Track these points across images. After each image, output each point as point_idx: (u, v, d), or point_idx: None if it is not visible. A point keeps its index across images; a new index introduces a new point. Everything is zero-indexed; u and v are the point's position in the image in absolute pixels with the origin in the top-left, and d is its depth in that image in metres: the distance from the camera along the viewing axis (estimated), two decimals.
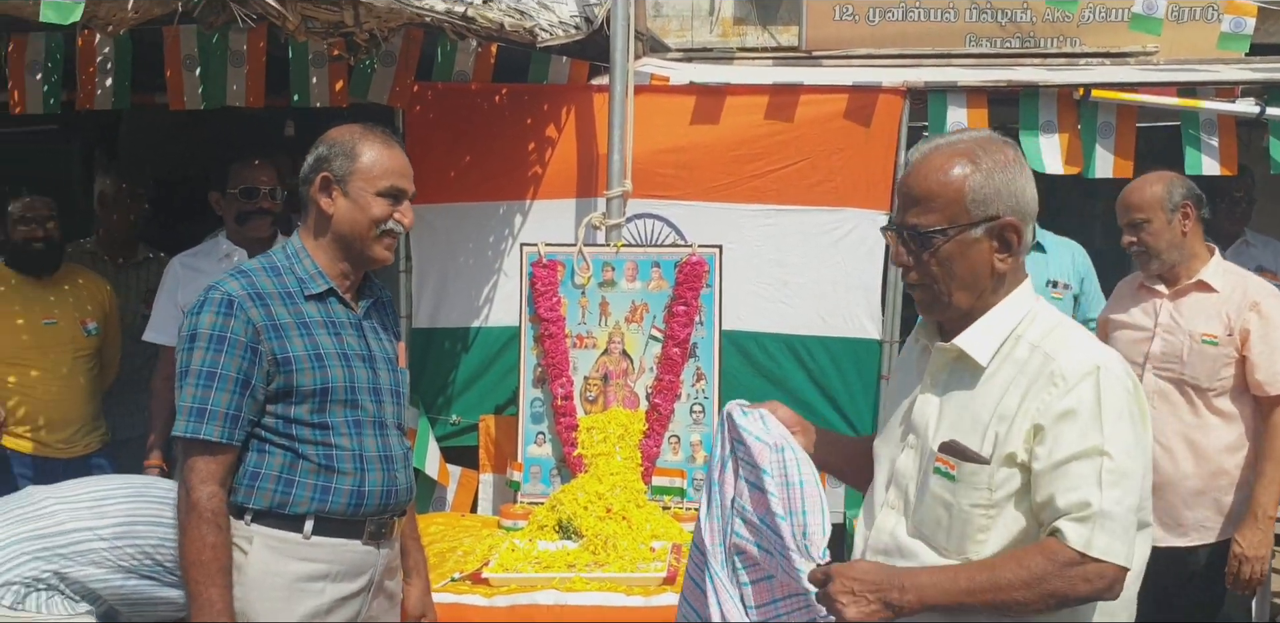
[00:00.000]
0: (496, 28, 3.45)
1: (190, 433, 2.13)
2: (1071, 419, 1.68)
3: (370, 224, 2.26)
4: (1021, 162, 1.80)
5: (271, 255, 2.31)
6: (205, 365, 2.13)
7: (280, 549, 2.18)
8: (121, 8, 3.11)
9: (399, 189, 2.27)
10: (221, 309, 2.16)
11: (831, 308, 3.82)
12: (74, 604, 2.59)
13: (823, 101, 3.90)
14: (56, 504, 2.64)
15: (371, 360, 2.27)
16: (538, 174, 3.99)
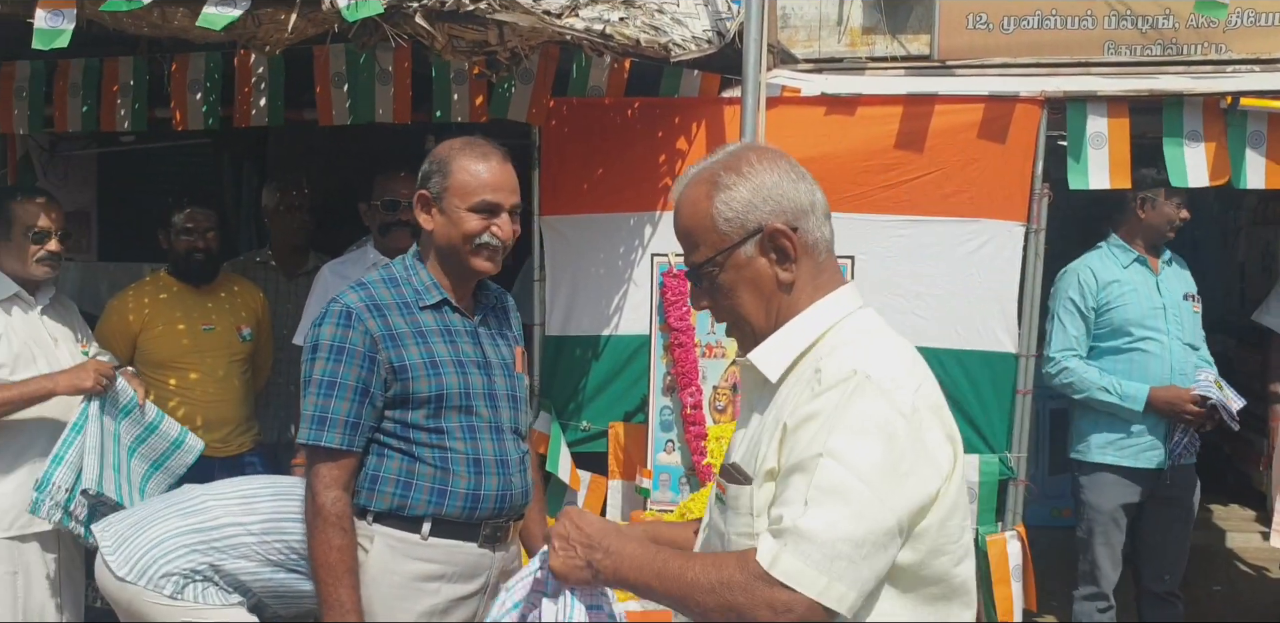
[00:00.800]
0: (633, 44, 3.51)
1: (312, 440, 2.22)
2: (808, 424, 1.50)
3: (463, 239, 2.32)
4: (775, 163, 1.68)
5: (391, 267, 2.41)
6: (326, 375, 2.23)
7: (399, 549, 2.26)
8: (280, 29, 3.27)
9: (491, 203, 2.30)
10: (341, 321, 2.25)
11: (966, 321, 3.76)
12: (227, 595, 2.73)
13: (957, 111, 3.86)
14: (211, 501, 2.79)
15: (487, 367, 2.33)
16: (668, 186, 4.03)
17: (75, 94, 4.49)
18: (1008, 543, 3.58)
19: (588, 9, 3.46)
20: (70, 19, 3.03)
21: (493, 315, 2.43)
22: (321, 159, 5.89)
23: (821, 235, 1.68)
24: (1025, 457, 3.71)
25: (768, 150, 1.72)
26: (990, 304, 3.75)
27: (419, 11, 3.13)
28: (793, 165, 1.71)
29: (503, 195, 2.32)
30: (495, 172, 2.33)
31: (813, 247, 1.66)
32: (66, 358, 3.29)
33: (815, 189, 1.71)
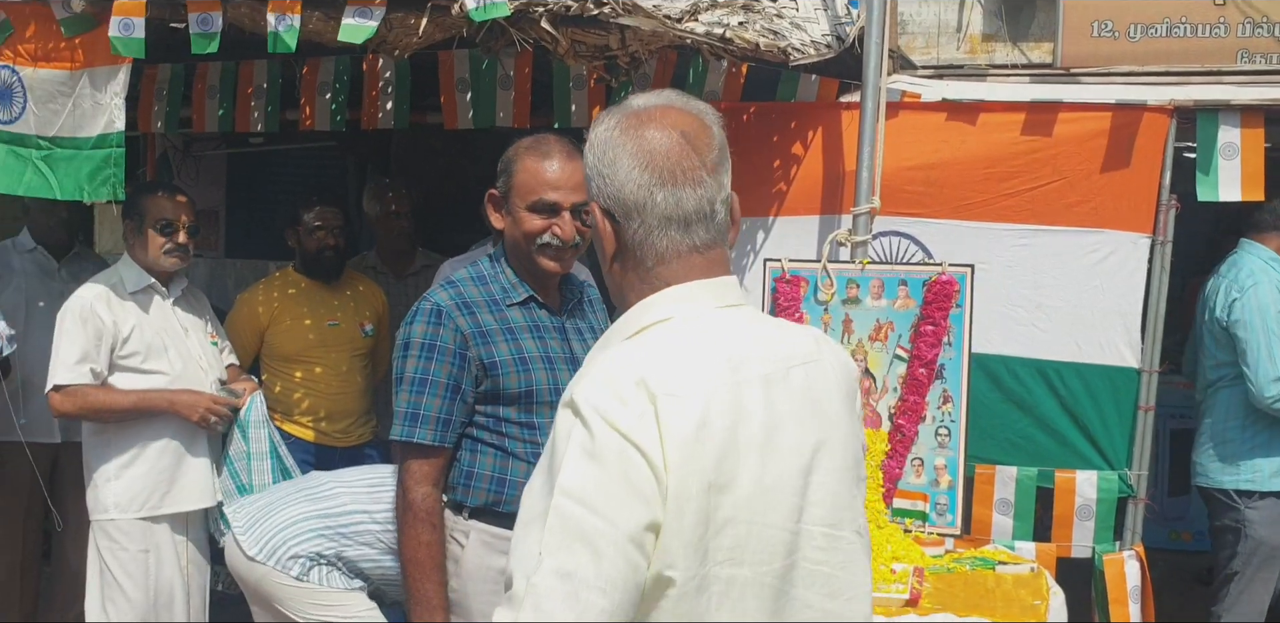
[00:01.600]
0: (752, 48, 3.52)
1: (405, 437, 2.25)
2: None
3: (525, 239, 2.32)
4: (629, 142, 1.42)
5: (479, 265, 2.43)
6: (418, 372, 2.25)
7: (493, 545, 2.28)
8: (410, 33, 3.37)
9: (550, 203, 2.27)
10: (431, 319, 2.27)
11: (1087, 334, 3.67)
12: (349, 580, 2.81)
13: (1083, 120, 3.77)
14: (338, 488, 2.88)
15: (575, 363, 2.33)
16: (782, 191, 4.03)
17: (212, 96, 4.69)
18: (1125, 563, 3.48)
19: (707, 13, 3.48)
20: (216, 24, 3.17)
21: (579, 310, 2.44)
22: (442, 161, 6.03)
23: (650, 242, 1.42)
24: (1146, 475, 3.60)
25: (648, 121, 1.44)
26: (1113, 317, 3.65)
27: (544, 16, 3.19)
28: (652, 152, 1.41)
29: (561, 194, 2.28)
30: (556, 169, 2.28)
31: (635, 248, 1.44)
32: (196, 348, 3.43)
33: (665, 190, 1.41)
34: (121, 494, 3.21)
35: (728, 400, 1.34)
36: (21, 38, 3.34)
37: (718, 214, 1.45)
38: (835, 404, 1.46)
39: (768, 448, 1.35)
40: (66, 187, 3.35)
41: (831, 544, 1.40)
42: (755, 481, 1.33)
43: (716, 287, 1.45)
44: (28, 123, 3.39)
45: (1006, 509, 3.60)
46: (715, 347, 1.38)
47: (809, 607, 1.38)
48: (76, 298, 3.27)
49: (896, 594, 2.75)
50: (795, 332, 1.52)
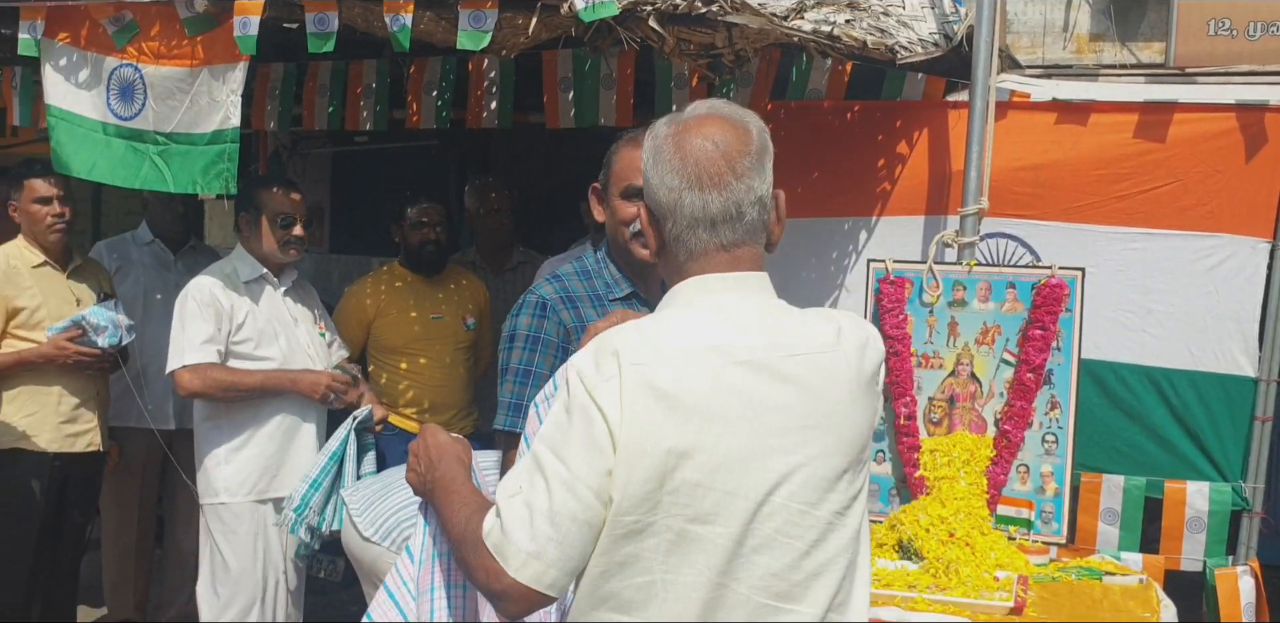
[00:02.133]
0: (859, 46, 3.48)
1: (508, 426, 2.28)
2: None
3: (617, 227, 2.33)
4: (666, 150, 1.59)
5: (584, 260, 2.44)
6: (522, 364, 2.28)
7: None
8: (518, 33, 3.41)
9: (638, 188, 2.16)
10: (536, 312, 2.30)
11: (1201, 340, 3.56)
12: None
13: (1199, 120, 3.66)
14: None
15: None
16: (886, 191, 3.98)
17: (323, 95, 4.80)
18: (1239, 578, 3.36)
19: (814, 11, 3.46)
20: (332, 24, 3.24)
21: None
22: (540, 160, 6.09)
23: (682, 240, 1.59)
24: (1261, 488, 3.48)
25: (687, 130, 1.60)
26: (1228, 324, 3.54)
27: (652, 14, 3.19)
28: (684, 159, 1.58)
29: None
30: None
31: (670, 244, 1.61)
32: (304, 337, 3.52)
33: (694, 194, 1.57)
34: (231, 478, 3.31)
35: (701, 377, 1.49)
36: (146, 36, 3.46)
37: (745, 215, 1.58)
38: (839, 393, 1.55)
39: (741, 425, 1.49)
40: (181, 180, 3.45)
41: (803, 520, 1.51)
42: (723, 451, 1.47)
43: (736, 280, 1.59)
44: (146, 119, 3.50)
45: (1113, 519, 3.50)
46: (707, 330, 1.54)
47: (769, 573, 1.49)
48: (196, 284, 3.38)
49: (1000, 602, 2.70)
50: (816, 324, 1.62)
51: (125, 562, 4.18)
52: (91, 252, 4.34)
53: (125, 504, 4.16)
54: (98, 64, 3.55)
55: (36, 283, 3.66)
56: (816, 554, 1.51)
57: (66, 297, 3.70)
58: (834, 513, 1.53)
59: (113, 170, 3.52)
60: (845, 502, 1.55)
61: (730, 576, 1.48)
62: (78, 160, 3.54)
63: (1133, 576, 3.03)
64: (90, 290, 3.77)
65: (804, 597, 1.50)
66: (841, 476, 1.54)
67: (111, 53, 3.52)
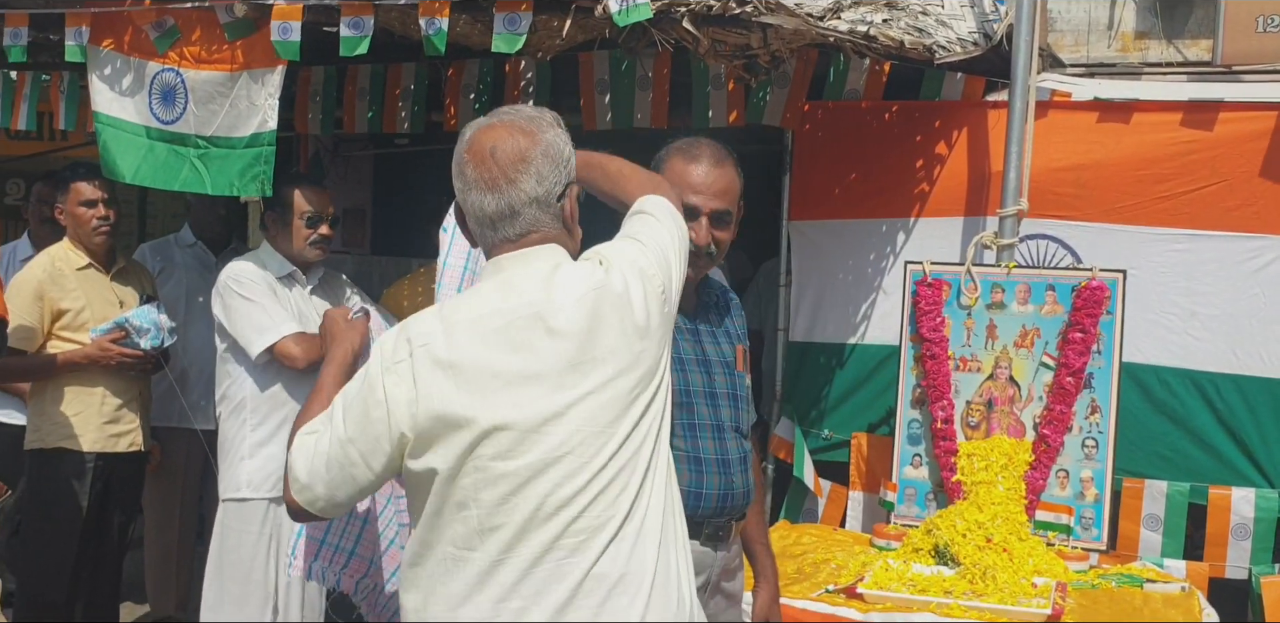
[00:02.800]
0: (896, 46, 3.45)
1: None
2: None
3: None
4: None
5: None
6: None
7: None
8: (553, 35, 3.41)
9: (687, 206, 2.18)
10: None
11: (1246, 343, 3.49)
12: None
13: (1245, 119, 3.59)
14: None
15: (707, 365, 2.29)
16: (924, 192, 3.94)
17: (363, 98, 4.83)
18: None
19: (850, 11, 3.43)
20: (368, 27, 3.26)
21: (714, 313, 2.38)
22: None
23: (478, 236, 1.80)
24: None
25: (478, 138, 1.78)
26: (1275, 327, 3.47)
27: (686, 16, 3.18)
28: (470, 165, 1.76)
29: (702, 199, 2.22)
30: (701, 174, 2.24)
31: (477, 239, 1.83)
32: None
33: (475, 195, 1.74)
34: (255, 473, 3.26)
35: (474, 343, 1.67)
36: (188, 41, 3.50)
37: (521, 215, 1.74)
38: (610, 329, 1.71)
39: (517, 374, 1.67)
40: (219, 182, 3.48)
41: (596, 441, 1.68)
42: (509, 400, 1.65)
43: (522, 255, 1.75)
44: (188, 122, 3.55)
45: (1155, 525, 3.45)
46: (487, 300, 1.72)
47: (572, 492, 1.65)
48: (244, 270, 3.33)
49: (1038, 609, 2.66)
50: (586, 271, 1.75)
51: (167, 560, 4.22)
52: (135, 254, 4.40)
53: (167, 504, 4.19)
54: (140, 69, 3.60)
55: (80, 285, 3.71)
56: (610, 468, 1.68)
57: (110, 299, 3.74)
58: (627, 432, 1.70)
59: (155, 174, 3.57)
60: (635, 420, 1.72)
61: (541, 504, 1.65)
62: (124, 165, 3.59)
63: (1175, 583, 2.98)
64: (133, 293, 3.82)
65: (609, 508, 1.67)
66: (633, 399, 1.72)
67: (153, 58, 3.56)
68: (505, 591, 1.63)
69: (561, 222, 1.78)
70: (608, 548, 1.65)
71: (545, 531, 1.64)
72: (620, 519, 1.67)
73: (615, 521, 1.67)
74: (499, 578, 1.64)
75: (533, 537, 1.64)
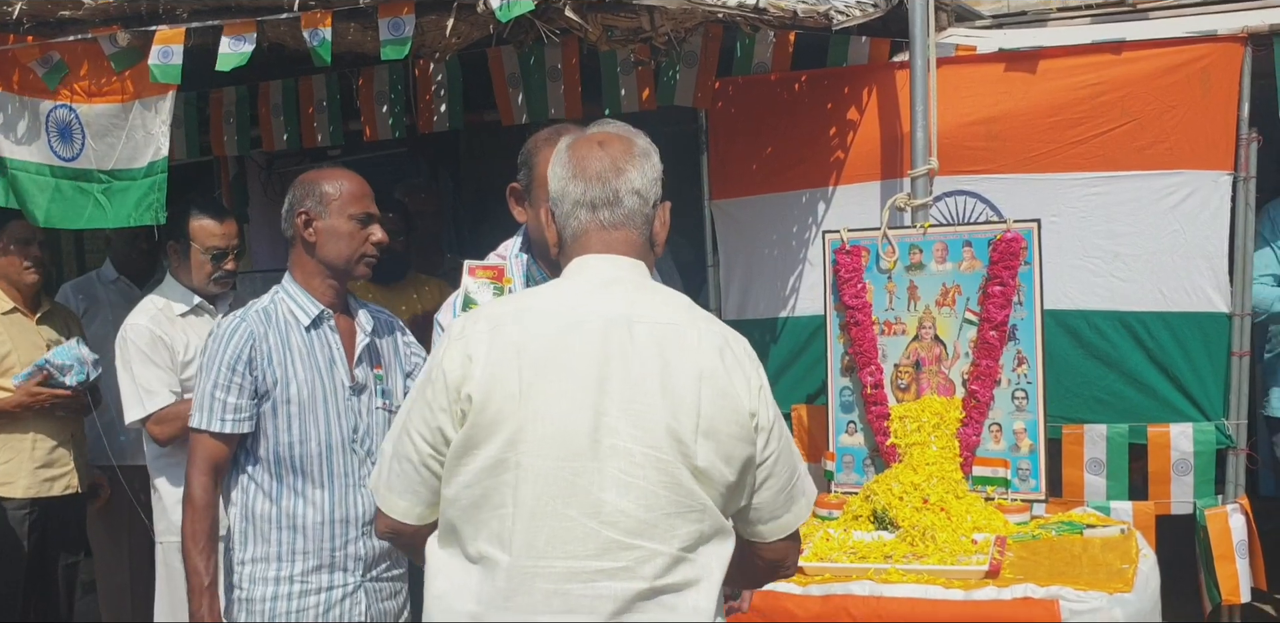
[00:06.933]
0: (790, 16, 3.43)
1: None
2: None
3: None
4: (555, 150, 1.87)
5: (509, 262, 2.45)
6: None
7: None
8: (442, 36, 3.39)
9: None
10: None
11: (1172, 280, 3.50)
12: None
13: (1149, 57, 3.59)
14: None
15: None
16: (840, 159, 3.93)
17: (277, 114, 4.80)
18: (1229, 517, 3.31)
19: None
20: (251, 42, 3.23)
21: None
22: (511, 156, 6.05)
23: (566, 222, 1.81)
24: (1245, 424, 3.42)
25: (583, 140, 1.85)
26: (1197, 261, 3.48)
27: (569, 5, 3.16)
28: (574, 159, 1.81)
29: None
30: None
31: (560, 229, 1.83)
32: None
33: (577, 183, 1.79)
34: None
35: (547, 332, 1.67)
36: (76, 76, 3.47)
37: (624, 202, 1.78)
38: (670, 362, 1.66)
39: (574, 372, 1.65)
40: (119, 214, 3.44)
41: (651, 464, 1.62)
42: (555, 394, 1.64)
43: (611, 259, 1.77)
44: (88, 158, 3.51)
45: (1099, 469, 3.46)
46: (564, 295, 1.74)
47: (619, 511, 1.60)
48: (132, 326, 3.30)
49: (975, 566, 2.67)
50: (671, 303, 1.75)
51: (122, 597, 4.17)
52: (58, 294, 4.35)
53: (115, 542, 4.14)
54: (34, 108, 3.56)
55: (6, 329, 3.68)
56: (663, 498, 1.62)
57: (37, 342, 3.71)
58: (672, 463, 1.62)
59: (64, 214, 3.53)
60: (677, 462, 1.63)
61: (570, 499, 1.61)
62: (34, 208, 3.55)
63: (1114, 527, 3.00)
64: (60, 335, 3.78)
65: (653, 533, 1.61)
66: (673, 434, 1.63)
67: (45, 95, 3.53)
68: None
69: (650, 232, 1.81)
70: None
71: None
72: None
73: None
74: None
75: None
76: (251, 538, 2.56)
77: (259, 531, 2.56)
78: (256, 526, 2.56)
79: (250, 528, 2.57)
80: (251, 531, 2.56)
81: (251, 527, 2.57)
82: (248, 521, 2.56)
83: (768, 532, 1.75)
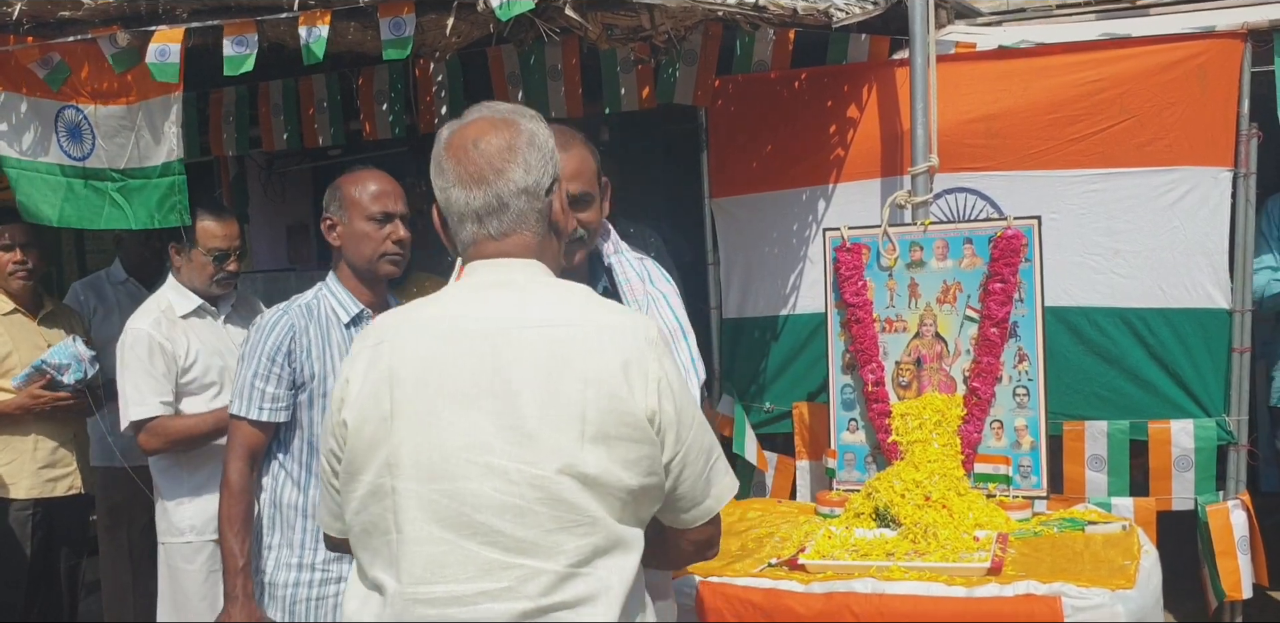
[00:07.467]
0: (790, 13, 3.44)
1: None
2: None
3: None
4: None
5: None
6: None
7: None
8: (443, 35, 3.39)
9: (573, 195, 2.16)
10: None
11: (1171, 277, 3.50)
12: None
13: (1148, 53, 3.59)
14: None
15: None
16: (840, 157, 3.94)
17: (277, 114, 4.81)
18: (1231, 513, 3.32)
19: None
20: (252, 44, 3.23)
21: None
22: None
23: (457, 234, 1.71)
24: (1245, 420, 3.43)
25: (458, 135, 1.71)
26: (1197, 257, 3.48)
27: (569, 3, 3.17)
28: (451, 161, 1.67)
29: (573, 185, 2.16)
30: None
31: (453, 239, 1.73)
32: None
33: (459, 191, 1.65)
34: (197, 517, 3.23)
35: (419, 349, 1.61)
36: (79, 77, 3.47)
37: (510, 206, 1.65)
38: (556, 366, 1.57)
39: (444, 388, 1.58)
40: (140, 217, 3.46)
41: (527, 481, 1.54)
42: (426, 413, 1.57)
43: (497, 265, 1.68)
44: (99, 157, 3.52)
45: (1100, 466, 3.47)
46: (442, 308, 1.66)
47: (496, 531, 1.53)
48: (132, 330, 3.29)
49: (978, 563, 2.67)
50: (569, 301, 1.65)
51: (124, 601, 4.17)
52: (69, 292, 4.35)
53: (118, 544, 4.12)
54: (42, 108, 3.55)
55: (7, 330, 3.68)
56: (543, 514, 1.54)
57: (38, 343, 3.72)
58: (555, 474, 1.53)
59: (79, 214, 3.53)
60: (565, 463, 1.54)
61: (454, 531, 1.55)
62: (46, 208, 3.53)
63: (1116, 523, 3.00)
64: (62, 336, 3.78)
65: (535, 551, 1.54)
66: (554, 446, 1.54)
67: (53, 96, 3.53)
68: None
69: (548, 223, 1.70)
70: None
71: None
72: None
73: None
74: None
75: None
76: (278, 525, 2.64)
77: (285, 518, 2.63)
78: (283, 513, 2.64)
79: (277, 515, 2.64)
80: (278, 517, 2.64)
81: (279, 514, 2.64)
82: (275, 507, 2.64)
83: (690, 519, 1.69)
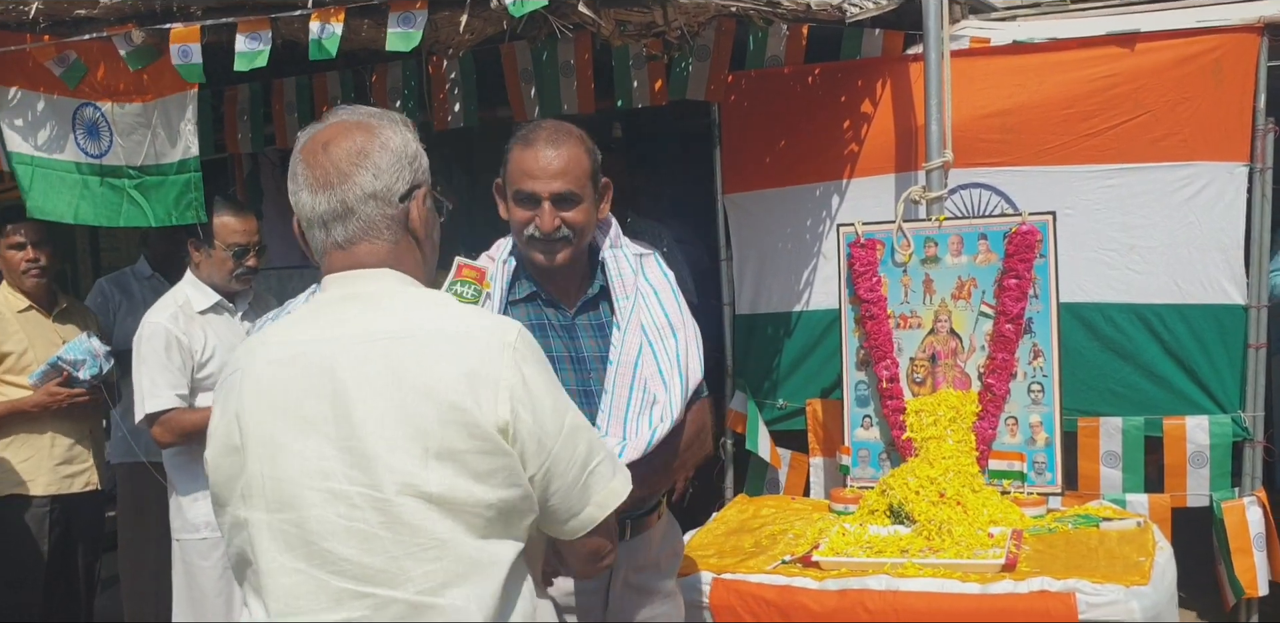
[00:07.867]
0: (803, 9, 3.43)
1: None
2: None
3: (515, 231, 2.23)
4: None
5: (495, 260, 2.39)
6: None
7: None
8: (456, 32, 3.39)
9: (526, 193, 2.15)
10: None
11: (1187, 272, 3.49)
12: None
13: (1163, 48, 3.57)
14: None
15: (580, 363, 2.23)
16: (854, 152, 3.93)
17: (291, 112, 4.81)
18: (1247, 510, 3.31)
19: None
20: (266, 40, 3.24)
21: (600, 304, 2.28)
22: None
23: (308, 242, 1.65)
24: (1261, 416, 3.41)
25: (313, 139, 1.67)
26: (1213, 253, 3.46)
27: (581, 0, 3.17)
28: (302, 165, 1.62)
29: (540, 184, 2.14)
30: (533, 159, 2.15)
31: (310, 245, 1.68)
32: None
33: (306, 195, 1.60)
34: (212, 512, 3.26)
35: (261, 373, 1.56)
36: (95, 75, 3.49)
37: (356, 212, 1.58)
38: (393, 381, 1.50)
39: (285, 411, 1.52)
40: (158, 214, 3.48)
41: (370, 505, 1.48)
42: (270, 440, 1.53)
43: (344, 278, 1.61)
44: (116, 155, 3.54)
45: (1114, 462, 3.46)
46: (292, 328, 1.62)
47: (343, 560, 1.48)
48: (149, 324, 3.30)
49: (992, 560, 2.67)
50: (416, 314, 1.57)
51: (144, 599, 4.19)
52: (94, 289, 4.37)
53: (140, 537, 4.15)
54: (60, 105, 3.57)
55: (22, 327, 3.71)
56: (403, 540, 1.48)
57: (53, 340, 3.74)
58: (412, 497, 1.47)
59: (96, 211, 3.54)
60: (420, 487, 1.48)
61: (309, 560, 1.50)
62: (58, 205, 3.54)
63: (1130, 519, 2.99)
64: (77, 332, 3.80)
65: (382, 579, 1.48)
66: (414, 460, 1.48)
67: (69, 93, 3.55)
68: None
69: (407, 229, 1.62)
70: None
71: None
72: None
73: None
74: None
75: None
76: None
77: None
78: None
79: None
80: None
81: None
82: None
83: (572, 530, 1.61)
